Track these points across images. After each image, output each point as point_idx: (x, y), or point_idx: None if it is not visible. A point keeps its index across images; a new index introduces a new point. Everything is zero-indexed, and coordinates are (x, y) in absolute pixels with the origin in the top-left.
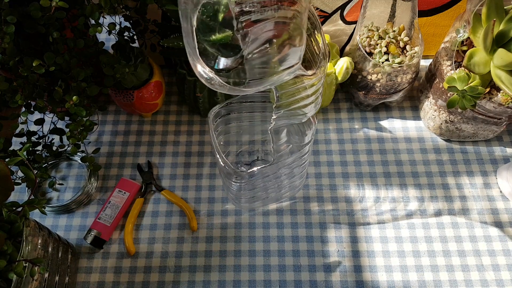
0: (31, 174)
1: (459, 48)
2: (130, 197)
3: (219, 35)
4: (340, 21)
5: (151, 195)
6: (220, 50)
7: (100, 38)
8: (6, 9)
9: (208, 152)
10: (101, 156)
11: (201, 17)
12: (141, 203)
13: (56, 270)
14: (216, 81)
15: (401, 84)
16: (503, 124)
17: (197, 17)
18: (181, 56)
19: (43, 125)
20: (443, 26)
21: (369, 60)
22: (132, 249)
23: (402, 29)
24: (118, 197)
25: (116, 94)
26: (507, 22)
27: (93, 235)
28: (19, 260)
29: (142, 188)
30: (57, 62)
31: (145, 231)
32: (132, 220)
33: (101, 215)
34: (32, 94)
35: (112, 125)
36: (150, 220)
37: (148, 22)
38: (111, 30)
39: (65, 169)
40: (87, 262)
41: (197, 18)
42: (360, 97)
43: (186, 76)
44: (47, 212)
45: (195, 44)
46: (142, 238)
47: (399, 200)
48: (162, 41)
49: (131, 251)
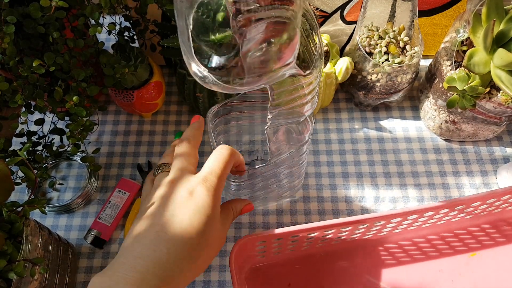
0: (31, 174)
1: (459, 48)
2: (130, 197)
3: (219, 35)
4: (340, 21)
5: None
6: (214, 49)
7: (100, 38)
8: (6, 9)
9: (208, 152)
10: (101, 156)
11: (200, 17)
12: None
13: (56, 270)
14: (210, 79)
15: (401, 84)
16: (503, 124)
17: (194, 17)
18: (181, 56)
19: (43, 125)
20: (443, 26)
21: (369, 60)
22: None
23: (402, 29)
24: (118, 197)
25: (116, 94)
26: (507, 22)
27: (93, 235)
28: (19, 260)
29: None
30: (57, 62)
31: None
32: (132, 220)
33: (101, 215)
34: (32, 94)
35: (112, 125)
36: None
37: (148, 22)
38: (111, 30)
39: (65, 169)
40: (87, 262)
41: (194, 18)
42: (360, 97)
43: (186, 76)
44: (47, 212)
45: (190, 43)
46: None
47: (399, 200)
48: (162, 41)
49: None
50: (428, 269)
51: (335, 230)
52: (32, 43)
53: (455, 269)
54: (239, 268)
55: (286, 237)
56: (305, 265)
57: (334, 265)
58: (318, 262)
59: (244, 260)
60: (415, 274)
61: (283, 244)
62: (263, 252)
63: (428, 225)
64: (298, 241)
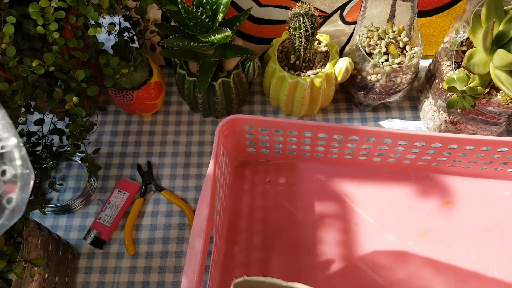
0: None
1: (458, 49)
2: (130, 198)
3: (218, 35)
4: (339, 22)
5: (151, 195)
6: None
7: (100, 38)
8: (5, 9)
9: (208, 152)
10: (101, 156)
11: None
12: (140, 203)
13: (56, 270)
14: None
15: (400, 84)
16: (503, 124)
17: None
18: (180, 56)
19: (43, 125)
20: (443, 26)
21: (369, 61)
22: (131, 249)
23: (402, 30)
24: (118, 197)
25: (116, 95)
26: (507, 23)
27: (93, 235)
28: (19, 261)
29: (142, 188)
30: (57, 62)
31: (145, 231)
32: (131, 220)
33: (101, 215)
34: (32, 94)
35: (112, 125)
36: (150, 220)
37: (148, 22)
38: (110, 31)
39: (65, 170)
40: (87, 262)
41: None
42: (360, 97)
43: (186, 77)
44: (47, 213)
45: None
46: (142, 239)
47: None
48: (161, 41)
49: (131, 251)
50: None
51: (312, 135)
52: (32, 43)
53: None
54: (233, 157)
55: (270, 127)
56: (287, 167)
57: (313, 176)
58: (298, 169)
59: (235, 147)
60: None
61: (269, 140)
62: (253, 145)
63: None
64: (283, 140)
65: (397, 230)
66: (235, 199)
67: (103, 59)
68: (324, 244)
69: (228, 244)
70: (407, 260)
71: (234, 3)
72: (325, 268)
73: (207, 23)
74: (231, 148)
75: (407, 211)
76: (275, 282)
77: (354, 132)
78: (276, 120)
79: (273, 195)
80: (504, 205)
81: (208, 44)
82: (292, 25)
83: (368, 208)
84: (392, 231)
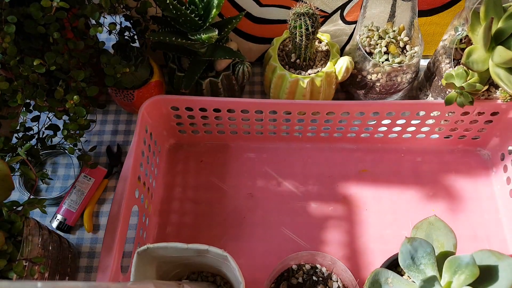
0: (32, 173)
1: (457, 46)
2: (95, 183)
3: (205, 35)
4: (340, 21)
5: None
6: None
7: (101, 38)
8: (6, 9)
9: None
10: (101, 156)
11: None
12: (104, 185)
13: (56, 269)
14: None
15: (401, 84)
16: None
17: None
18: (173, 50)
19: (39, 121)
20: (443, 25)
21: (369, 60)
22: (89, 227)
23: (402, 29)
24: (84, 182)
25: (116, 94)
26: (506, 20)
27: (58, 220)
28: (19, 260)
29: (109, 170)
30: (57, 62)
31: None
32: (91, 207)
33: (66, 200)
34: (32, 93)
35: (112, 124)
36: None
37: (149, 21)
38: (111, 30)
39: (58, 164)
40: (87, 261)
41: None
42: (360, 97)
43: (176, 72)
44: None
45: None
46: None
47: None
48: (147, 34)
49: (89, 229)
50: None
51: (235, 113)
52: (33, 43)
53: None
54: (164, 140)
55: (195, 106)
56: (219, 148)
57: (242, 155)
58: (230, 149)
59: (165, 129)
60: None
61: (197, 120)
62: (183, 127)
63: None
64: (210, 120)
65: (319, 198)
66: (167, 181)
67: (104, 58)
68: (252, 215)
69: (160, 225)
70: (328, 224)
71: (234, 2)
72: (252, 236)
73: (196, 21)
74: (161, 131)
75: (327, 180)
76: (177, 246)
77: (271, 106)
78: (198, 98)
79: (205, 175)
80: (416, 169)
81: (199, 42)
82: (293, 24)
83: (293, 180)
84: (314, 199)
